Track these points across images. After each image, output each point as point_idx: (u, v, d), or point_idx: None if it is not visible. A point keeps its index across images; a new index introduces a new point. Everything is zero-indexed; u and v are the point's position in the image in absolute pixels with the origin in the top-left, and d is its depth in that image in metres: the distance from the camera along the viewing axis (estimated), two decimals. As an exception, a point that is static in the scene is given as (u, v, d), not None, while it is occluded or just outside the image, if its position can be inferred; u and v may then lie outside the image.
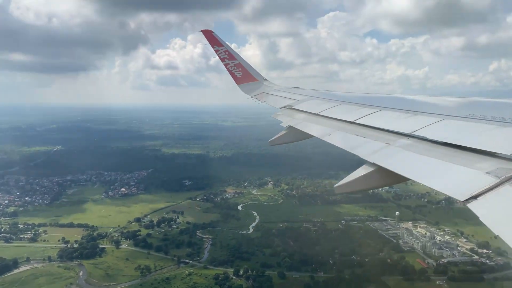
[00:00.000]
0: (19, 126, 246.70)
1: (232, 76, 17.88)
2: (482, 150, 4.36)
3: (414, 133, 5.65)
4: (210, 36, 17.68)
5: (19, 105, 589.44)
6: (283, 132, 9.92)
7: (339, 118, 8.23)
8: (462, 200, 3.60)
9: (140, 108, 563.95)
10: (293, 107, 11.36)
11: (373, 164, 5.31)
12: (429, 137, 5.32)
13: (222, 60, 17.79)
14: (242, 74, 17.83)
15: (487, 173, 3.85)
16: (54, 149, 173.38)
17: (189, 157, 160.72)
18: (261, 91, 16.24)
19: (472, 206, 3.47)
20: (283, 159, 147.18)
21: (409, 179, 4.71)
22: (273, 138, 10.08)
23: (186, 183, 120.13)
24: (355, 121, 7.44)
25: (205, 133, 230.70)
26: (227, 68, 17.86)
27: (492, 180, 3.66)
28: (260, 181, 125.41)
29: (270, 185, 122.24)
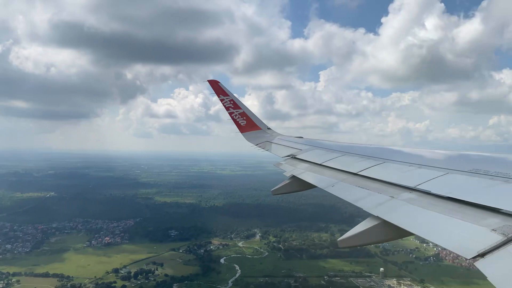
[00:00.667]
0: (17, 172, 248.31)
1: (236, 124, 18.02)
2: (487, 206, 4.25)
3: (418, 187, 5.49)
4: (216, 86, 18.12)
5: (20, 150, 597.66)
6: (286, 181, 9.73)
7: (342, 169, 8.05)
8: (468, 258, 3.47)
9: (141, 155, 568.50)
10: (296, 157, 11.22)
11: (377, 218, 5.18)
12: (433, 191, 5.17)
13: (227, 109, 18.02)
14: (246, 123, 17.97)
15: (493, 230, 3.73)
16: (47, 196, 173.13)
17: (180, 206, 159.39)
18: (265, 139, 16.27)
19: (479, 264, 3.33)
20: (275, 210, 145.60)
21: (414, 234, 4.62)
22: (276, 188, 9.98)
23: (172, 234, 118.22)
24: (358, 173, 7.27)
25: (201, 182, 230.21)
26: (231, 116, 18.04)
27: (499, 238, 3.55)
28: (248, 232, 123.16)
29: (257, 237, 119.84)
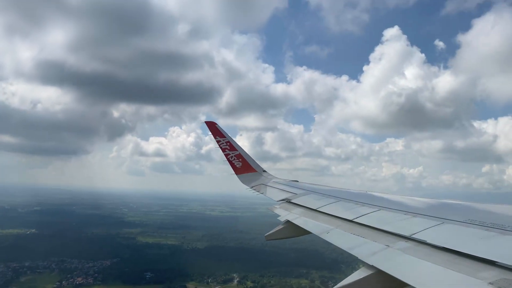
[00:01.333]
0: (3, 207, 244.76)
1: (232, 166, 17.82)
2: (482, 258, 4.17)
3: (414, 236, 5.40)
4: (213, 127, 18.09)
5: (9, 185, 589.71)
6: (280, 226, 9.39)
7: (337, 215, 7.86)
8: None
9: (132, 193, 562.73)
10: (291, 201, 10.86)
11: (372, 267, 5.04)
12: (428, 241, 5.08)
13: (223, 150, 17.88)
14: (242, 165, 17.78)
15: (490, 283, 3.66)
16: (27, 232, 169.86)
17: (162, 247, 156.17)
18: (260, 182, 16.05)
19: None
20: (257, 254, 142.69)
21: (409, 285, 4.47)
22: (269, 233, 9.55)
23: (147, 276, 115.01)
24: (354, 220, 7.13)
25: (187, 223, 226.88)
26: (227, 158, 17.88)
27: None
28: (226, 277, 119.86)
29: (235, 282, 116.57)
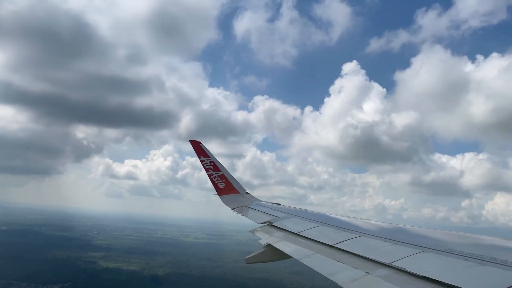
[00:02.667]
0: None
1: (214, 186, 17.69)
2: None
3: (393, 264, 5.35)
4: (197, 146, 17.97)
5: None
6: (261, 250, 9.26)
7: (319, 240, 7.77)
8: None
9: (109, 215, 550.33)
10: (273, 224, 10.67)
11: None
12: (408, 269, 5.04)
13: (207, 170, 17.82)
14: (225, 186, 17.68)
15: None
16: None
17: (121, 273, 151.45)
18: (242, 204, 15.85)
19: None
20: (217, 281, 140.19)
21: None
22: (249, 256, 9.43)
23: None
24: (334, 245, 7.06)
25: (156, 248, 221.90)
26: (210, 178, 17.81)
27: None
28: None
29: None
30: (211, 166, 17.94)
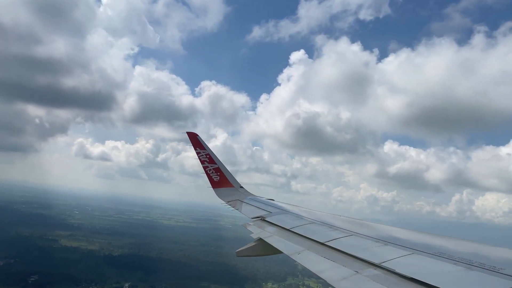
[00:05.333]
0: None
1: (209, 179, 17.80)
2: None
3: (383, 264, 5.49)
4: (194, 138, 17.90)
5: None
6: (252, 243, 9.38)
7: (310, 237, 7.88)
8: None
9: (97, 195, 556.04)
10: (266, 219, 10.81)
11: None
12: (397, 270, 5.17)
13: (202, 162, 17.83)
14: (220, 179, 17.78)
15: None
16: None
17: (77, 251, 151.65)
18: (236, 198, 16.05)
19: None
20: (168, 265, 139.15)
21: None
22: (240, 249, 9.52)
23: (32, 278, 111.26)
24: (325, 243, 7.18)
25: (128, 230, 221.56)
26: (205, 171, 17.84)
27: None
28: (116, 285, 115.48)
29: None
30: (207, 159, 17.98)
